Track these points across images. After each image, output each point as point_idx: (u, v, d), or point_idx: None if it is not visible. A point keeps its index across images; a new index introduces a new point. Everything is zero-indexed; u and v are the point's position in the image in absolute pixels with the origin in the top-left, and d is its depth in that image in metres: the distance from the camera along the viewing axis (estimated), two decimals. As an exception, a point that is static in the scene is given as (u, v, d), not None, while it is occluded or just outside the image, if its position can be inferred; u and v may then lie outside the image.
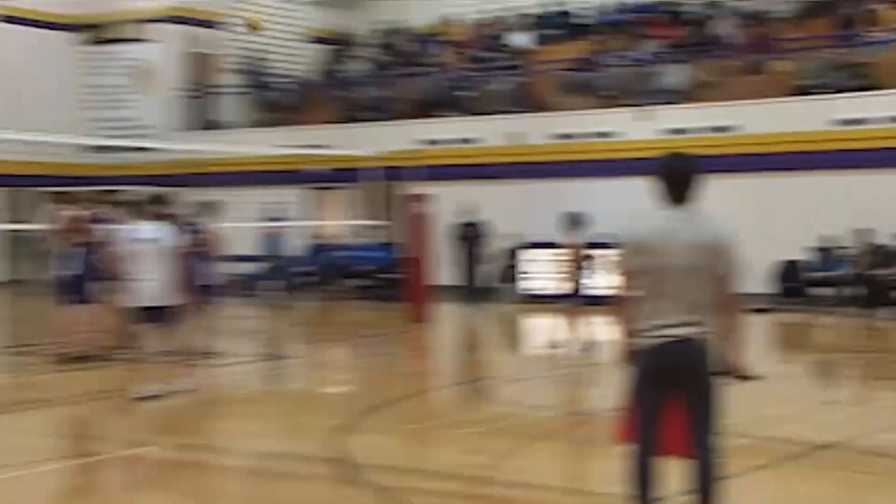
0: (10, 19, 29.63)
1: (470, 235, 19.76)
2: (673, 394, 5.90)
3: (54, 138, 26.90)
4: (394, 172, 23.70)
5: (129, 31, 30.38)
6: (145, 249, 10.91)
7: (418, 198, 19.74)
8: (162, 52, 29.91)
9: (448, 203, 20.55)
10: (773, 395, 10.57)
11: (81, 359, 13.21)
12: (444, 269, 20.00)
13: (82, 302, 13.51)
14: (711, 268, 5.86)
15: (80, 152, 29.30)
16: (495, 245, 21.01)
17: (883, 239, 20.04)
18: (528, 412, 10.71)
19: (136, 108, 30.22)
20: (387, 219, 25.51)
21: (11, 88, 28.50)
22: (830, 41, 23.75)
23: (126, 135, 29.64)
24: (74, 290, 13.51)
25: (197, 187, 26.81)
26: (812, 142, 21.52)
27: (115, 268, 11.42)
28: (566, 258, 15.80)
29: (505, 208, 23.92)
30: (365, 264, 23.80)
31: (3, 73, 28.75)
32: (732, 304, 5.94)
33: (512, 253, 23.59)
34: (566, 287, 15.68)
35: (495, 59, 28.38)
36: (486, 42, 29.52)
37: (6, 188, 27.77)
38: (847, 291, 20.30)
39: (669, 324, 5.82)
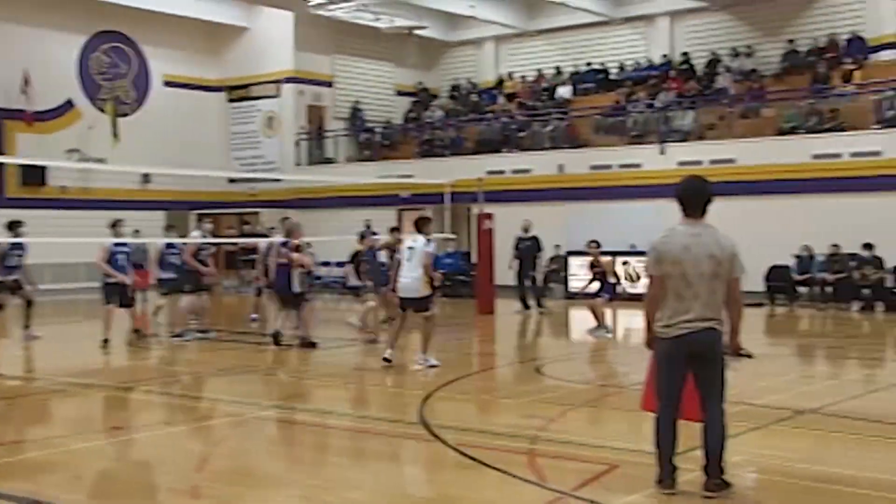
0: (175, 84, 30.32)
1: (528, 246, 19.72)
2: (690, 372, 5.91)
3: (208, 173, 27.51)
4: (463, 196, 23.83)
5: (261, 90, 30.83)
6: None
7: (485, 217, 19.84)
8: (285, 104, 30.34)
9: (505, 221, 20.62)
10: (762, 370, 10.50)
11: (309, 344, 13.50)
12: (505, 272, 20.02)
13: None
14: (721, 273, 5.85)
15: (227, 183, 29.87)
16: (545, 254, 20.90)
17: (847, 248, 19.80)
18: (572, 385, 10.65)
19: (267, 148, 30.69)
20: (458, 232, 25.68)
21: (177, 136, 29.18)
22: (808, 93, 23.46)
23: (259, 169, 30.17)
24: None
25: (311, 209, 27.20)
26: (794, 171, 21.29)
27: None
28: (600, 264, 15.84)
29: (551, 224, 23.95)
30: (443, 268, 23.88)
31: (171, 125, 29.46)
32: (735, 301, 5.94)
33: (557, 260, 23.63)
34: (592, 288, 15.75)
35: (543, 107, 28.41)
36: (535, 93, 29.54)
37: (168, 211, 28.39)
38: (819, 289, 20.13)
39: (689, 319, 5.81)
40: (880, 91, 21.81)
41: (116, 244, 13.96)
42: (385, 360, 11.58)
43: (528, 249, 19.68)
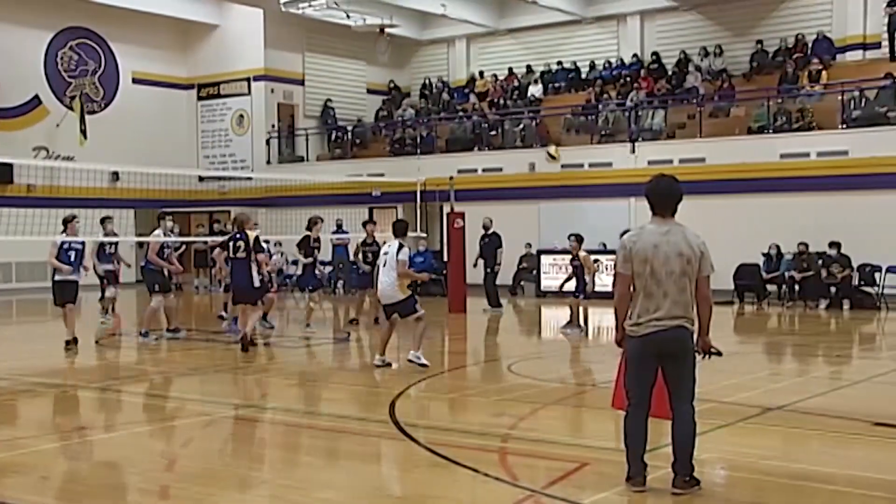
0: (144, 81, 30.07)
1: (486, 244, 19.69)
2: (660, 370, 5.93)
3: (176, 171, 27.32)
4: (434, 195, 23.83)
5: (232, 88, 30.65)
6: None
7: (457, 215, 19.84)
8: (256, 102, 30.18)
9: (476, 219, 20.63)
10: (731, 368, 10.55)
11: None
12: (477, 271, 20.01)
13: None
14: (691, 271, 5.87)
15: (197, 182, 29.68)
16: (504, 251, 20.81)
17: (814, 247, 20.01)
18: (543, 384, 10.66)
19: (237, 146, 30.52)
20: (429, 231, 25.64)
21: (145, 134, 28.94)
22: (776, 93, 23.67)
23: (229, 167, 30.02)
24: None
25: (281, 208, 27.11)
26: (762, 171, 21.49)
27: None
28: (569, 262, 15.87)
29: (522, 223, 24.05)
30: (414, 267, 23.78)
31: (140, 123, 29.22)
32: (705, 299, 5.95)
33: (528, 258, 23.67)
34: (570, 285, 15.73)
35: (514, 105, 28.46)
36: (506, 92, 29.58)
37: (135, 209, 28.17)
38: (787, 288, 20.33)
39: (658, 317, 5.83)
40: (847, 91, 22.04)
41: (66, 241, 13.43)
42: (377, 365, 11.43)
43: (487, 247, 19.69)
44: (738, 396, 9.28)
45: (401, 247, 11.23)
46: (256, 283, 13.00)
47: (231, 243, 13.10)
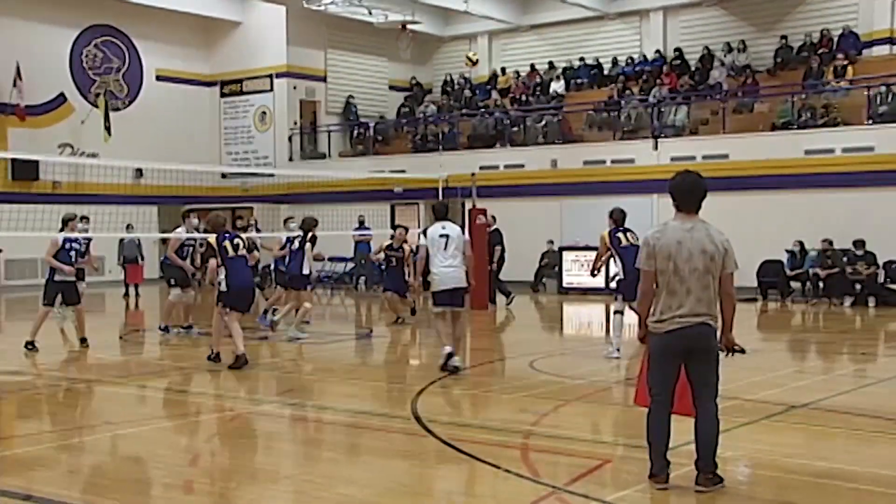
0: (167, 78, 30.24)
1: (492, 242, 19.72)
2: (683, 367, 5.91)
3: (199, 167, 27.46)
4: (456, 191, 23.81)
5: (254, 85, 30.77)
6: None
7: (479, 212, 19.82)
8: (278, 99, 30.28)
9: (498, 216, 20.61)
10: (755, 365, 10.53)
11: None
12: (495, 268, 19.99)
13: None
14: (714, 268, 5.84)
15: (220, 178, 29.84)
16: (528, 249, 20.57)
17: (839, 244, 19.85)
18: (565, 380, 10.62)
19: (260, 143, 30.64)
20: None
21: (168, 131, 29.12)
22: (801, 88, 23.49)
23: (251, 164, 30.14)
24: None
25: (304, 204, 27.19)
26: (787, 167, 21.32)
27: None
28: (593, 259, 15.80)
29: (544, 219, 24.02)
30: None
31: (164, 120, 29.40)
32: (728, 296, 5.93)
33: (550, 255, 23.64)
34: (593, 281, 15.67)
35: (536, 102, 28.40)
36: (528, 89, 29.52)
37: (158, 205, 28.35)
38: (811, 285, 20.19)
39: (682, 314, 5.81)
40: (873, 86, 21.85)
41: (67, 240, 13.17)
42: (455, 368, 10.44)
43: (489, 242, 19.71)
44: (761, 394, 9.23)
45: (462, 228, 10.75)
46: (306, 271, 13.93)
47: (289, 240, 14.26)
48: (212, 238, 11.24)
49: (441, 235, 10.55)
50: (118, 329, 16.67)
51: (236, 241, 11.29)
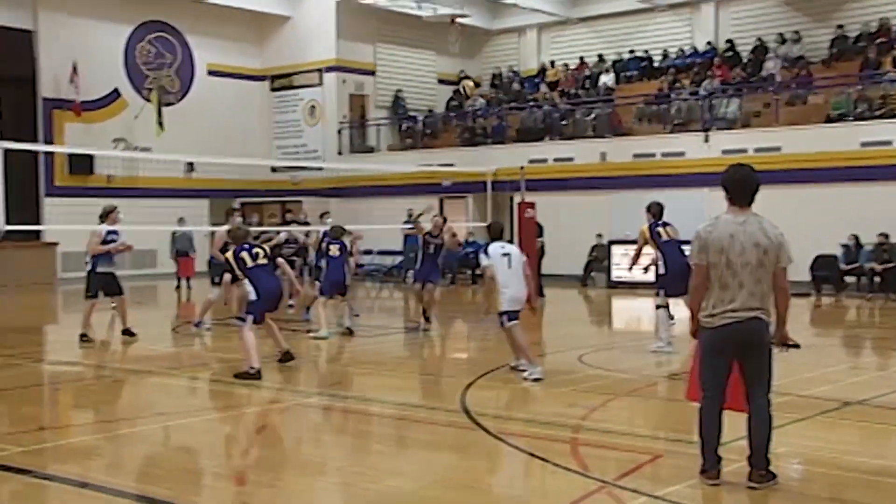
0: (219, 73, 30.57)
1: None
2: (736, 362, 5.85)
3: (250, 161, 27.75)
4: (505, 185, 23.77)
5: (304, 79, 30.96)
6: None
7: (527, 205, 19.78)
8: (328, 93, 30.45)
9: (547, 209, 20.54)
10: (809, 361, 10.40)
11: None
12: (550, 262, 19.92)
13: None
14: (767, 262, 5.77)
15: (270, 172, 30.11)
16: (576, 242, 20.29)
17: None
18: (614, 374, 10.58)
19: (309, 137, 30.85)
20: (500, 221, 25.52)
21: (219, 125, 29.44)
22: (856, 79, 23.06)
23: (301, 158, 30.35)
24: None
25: (353, 198, 27.33)
26: (841, 160, 20.95)
27: None
28: (643, 253, 15.64)
29: (593, 213, 23.88)
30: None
31: (215, 114, 29.73)
32: (782, 290, 5.85)
33: (599, 249, 23.50)
34: (642, 276, 15.51)
35: (585, 95, 28.23)
36: (577, 82, 29.35)
37: (210, 199, 28.67)
38: (867, 279, 19.85)
39: (734, 308, 5.75)
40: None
41: (109, 231, 13.38)
42: (536, 379, 10.05)
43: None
44: (815, 390, 9.09)
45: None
46: (348, 281, 14.25)
47: (325, 244, 14.39)
48: (229, 254, 11.18)
49: (503, 254, 10.69)
50: (170, 321, 16.90)
51: (255, 250, 11.16)
